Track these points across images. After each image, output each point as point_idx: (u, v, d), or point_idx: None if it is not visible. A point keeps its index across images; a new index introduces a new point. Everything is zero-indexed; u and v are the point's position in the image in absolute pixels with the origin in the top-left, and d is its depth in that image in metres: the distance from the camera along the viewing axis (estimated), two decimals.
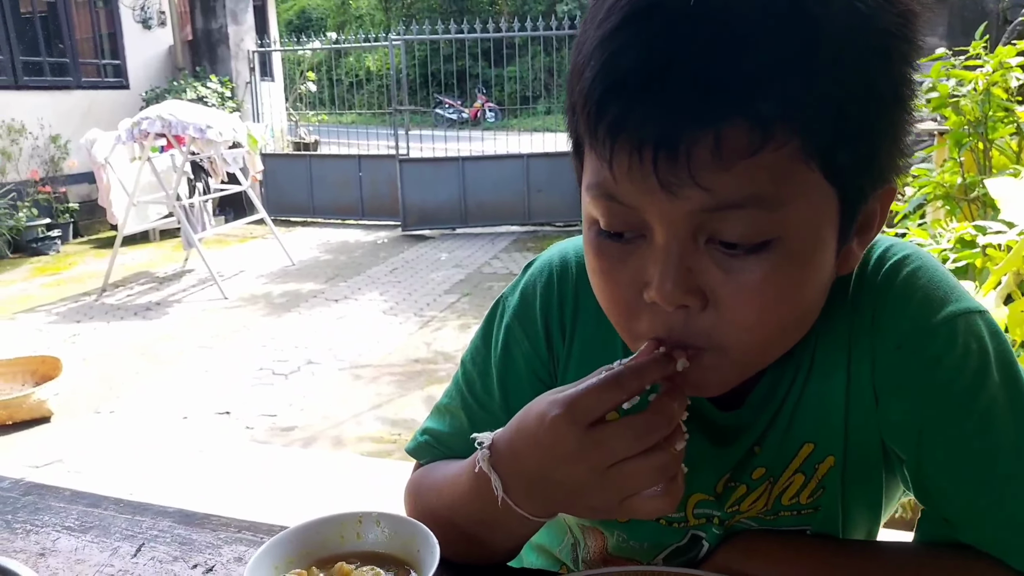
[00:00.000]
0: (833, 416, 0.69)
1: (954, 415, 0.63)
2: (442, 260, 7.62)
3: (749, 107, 0.50)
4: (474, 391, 0.82)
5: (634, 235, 0.58)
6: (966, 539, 0.65)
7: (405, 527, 0.71)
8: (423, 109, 14.54)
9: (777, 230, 0.54)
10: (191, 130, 5.97)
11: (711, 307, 0.57)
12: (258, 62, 10.17)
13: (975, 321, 0.65)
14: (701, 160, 0.51)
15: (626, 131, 0.53)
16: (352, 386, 4.37)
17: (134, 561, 0.81)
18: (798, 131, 0.52)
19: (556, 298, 0.77)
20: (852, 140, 0.54)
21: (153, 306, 6.08)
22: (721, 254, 0.55)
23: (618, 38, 0.52)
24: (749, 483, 0.73)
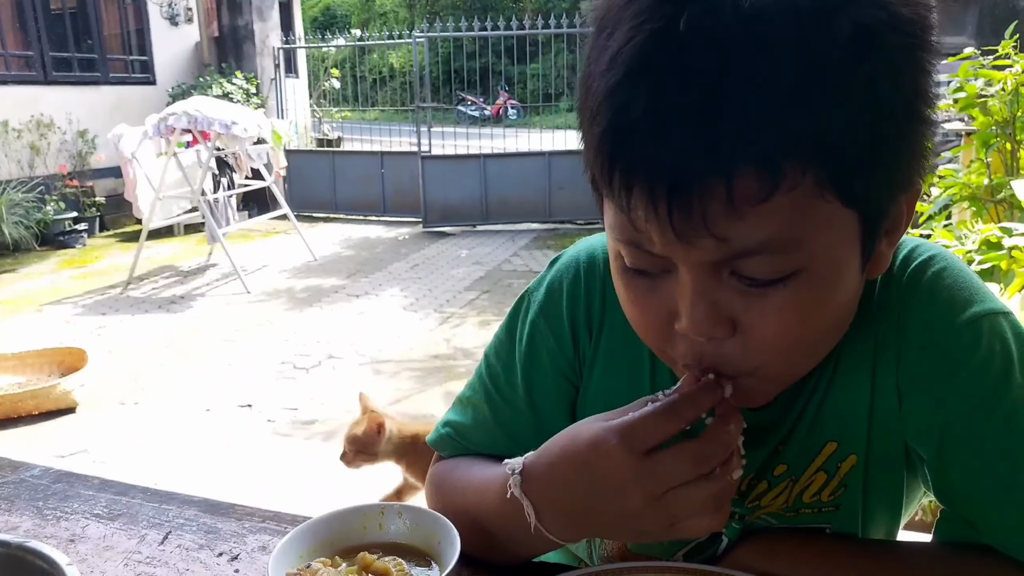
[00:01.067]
0: (857, 416, 0.69)
1: (977, 416, 0.63)
2: (462, 257, 7.65)
3: (755, 152, 0.50)
4: (498, 385, 0.82)
5: (660, 270, 0.59)
6: (988, 540, 0.65)
7: (426, 519, 0.72)
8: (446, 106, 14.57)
9: (798, 264, 0.55)
10: (217, 126, 6.03)
11: (739, 334, 0.58)
12: (283, 59, 10.24)
13: (999, 322, 0.65)
14: (713, 211, 0.52)
15: (638, 184, 0.53)
16: (372, 381, 4.40)
17: (161, 548, 0.83)
18: (809, 168, 0.52)
19: (584, 295, 0.77)
20: (866, 164, 0.54)
21: (177, 299, 6.15)
22: (744, 285, 0.56)
23: (622, 92, 0.52)
24: (771, 480, 0.73)
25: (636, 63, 0.52)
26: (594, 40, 0.57)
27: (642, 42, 0.52)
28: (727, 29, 0.50)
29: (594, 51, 0.56)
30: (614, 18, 0.54)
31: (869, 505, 0.72)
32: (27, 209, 7.66)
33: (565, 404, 0.80)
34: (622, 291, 0.64)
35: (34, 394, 3.82)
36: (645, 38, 0.52)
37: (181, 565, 0.80)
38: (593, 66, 0.55)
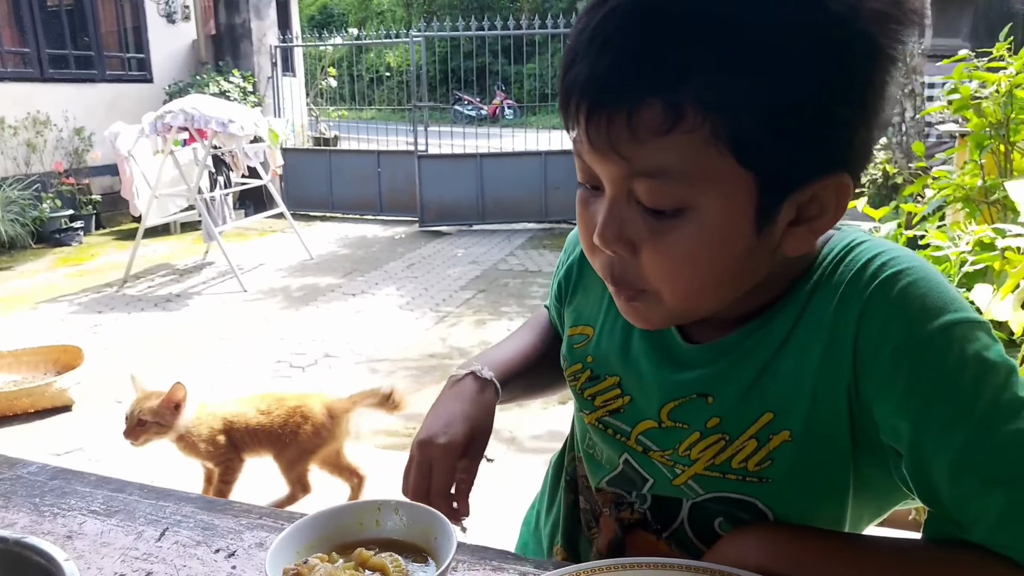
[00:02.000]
0: (798, 394, 0.71)
1: (956, 418, 0.64)
2: (459, 256, 7.65)
3: (663, 91, 0.59)
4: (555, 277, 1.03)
5: (594, 185, 0.70)
6: (976, 540, 0.65)
7: (423, 515, 0.73)
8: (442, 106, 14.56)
9: (687, 201, 0.64)
10: (213, 124, 6.02)
11: (638, 256, 0.68)
12: (280, 57, 10.23)
13: (973, 330, 0.66)
14: (618, 132, 0.62)
15: (572, 101, 0.64)
16: (368, 380, 4.39)
17: (158, 545, 0.84)
18: (708, 117, 0.59)
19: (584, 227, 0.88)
20: (771, 133, 0.60)
21: (173, 298, 6.15)
22: (646, 213, 0.66)
23: (580, 21, 0.64)
24: (703, 431, 0.76)
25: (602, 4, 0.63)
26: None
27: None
28: None
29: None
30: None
31: (804, 487, 0.73)
32: (23, 207, 7.64)
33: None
34: (576, 206, 0.74)
35: (30, 392, 3.82)
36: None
37: (178, 561, 0.80)
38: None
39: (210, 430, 2.71)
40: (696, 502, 0.79)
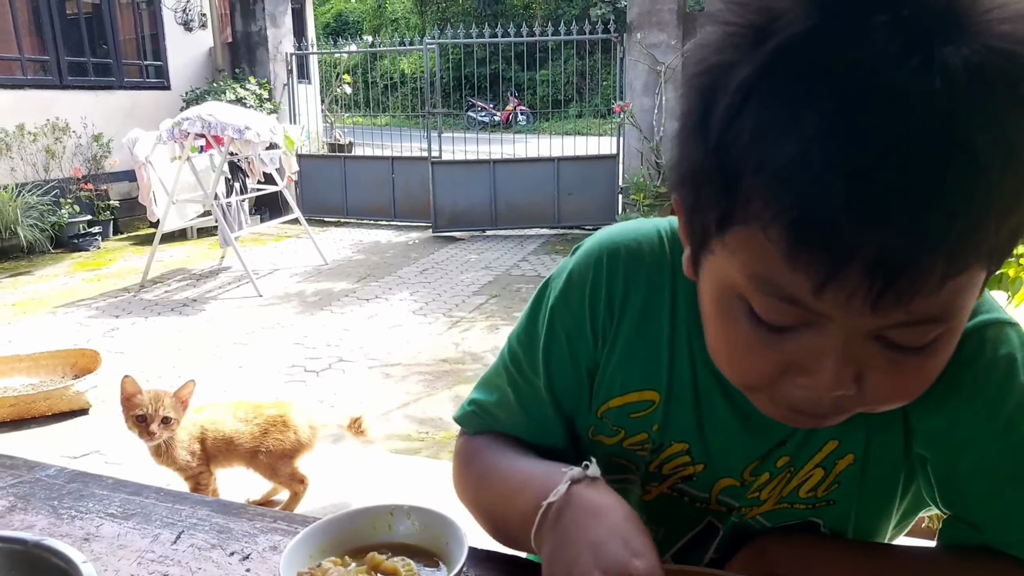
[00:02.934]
0: (858, 419, 0.70)
1: (983, 417, 0.65)
2: (472, 261, 7.67)
3: (973, 242, 0.49)
4: (520, 368, 0.84)
5: (798, 324, 0.56)
6: (990, 541, 0.66)
7: (435, 520, 0.73)
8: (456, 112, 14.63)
9: (945, 328, 0.55)
10: (230, 131, 6.07)
11: (862, 387, 0.57)
12: (296, 64, 10.31)
13: (1004, 330, 0.67)
14: (924, 292, 0.50)
15: (853, 266, 0.49)
16: (382, 384, 4.42)
17: (174, 548, 0.85)
18: (990, 249, 0.51)
19: (605, 282, 0.78)
20: (1019, 236, 0.54)
21: (190, 302, 6.19)
22: (887, 348, 0.55)
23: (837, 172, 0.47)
24: (772, 471, 0.75)
25: (853, 148, 0.47)
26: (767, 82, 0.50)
27: (854, 124, 0.47)
28: (963, 105, 0.46)
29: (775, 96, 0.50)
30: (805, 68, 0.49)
31: (862, 504, 0.74)
32: (42, 212, 7.73)
33: (583, 385, 0.82)
34: (729, 335, 0.61)
35: (47, 395, 3.86)
36: (858, 119, 0.47)
37: (193, 564, 0.81)
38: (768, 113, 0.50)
39: (189, 436, 2.70)
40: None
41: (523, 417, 0.84)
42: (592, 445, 0.83)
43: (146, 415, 2.54)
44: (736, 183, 0.52)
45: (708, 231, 0.58)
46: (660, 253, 0.77)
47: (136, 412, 2.54)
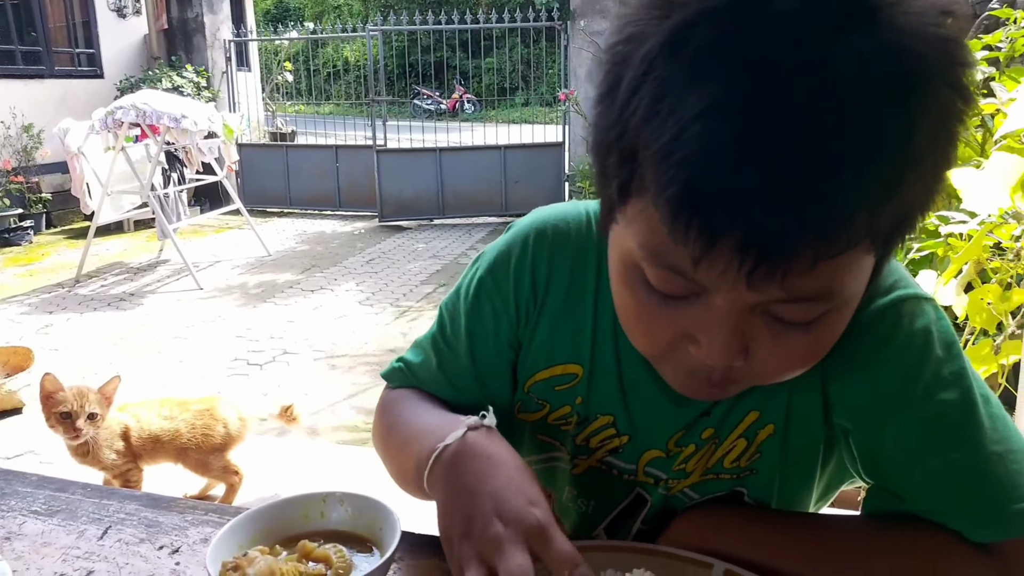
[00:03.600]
0: (778, 390, 0.73)
1: (901, 389, 0.67)
2: (419, 251, 7.62)
3: (850, 223, 0.50)
4: (445, 334, 0.86)
5: (687, 294, 0.58)
6: (916, 510, 0.68)
7: (368, 506, 0.73)
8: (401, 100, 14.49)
9: (829, 307, 0.57)
10: (166, 119, 5.92)
11: (751, 359, 0.59)
12: (234, 52, 10.07)
13: (920, 304, 0.69)
14: (797, 271, 0.51)
15: (727, 241, 0.50)
16: (328, 376, 4.37)
17: (100, 543, 0.83)
18: (873, 232, 0.53)
19: (530, 261, 0.80)
20: (909, 226, 0.56)
21: (127, 296, 6.03)
22: (773, 322, 0.57)
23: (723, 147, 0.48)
24: (698, 442, 0.77)
25: (739, 124, 0.48)
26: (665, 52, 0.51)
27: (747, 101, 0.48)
28: (839, 98, 0.48)
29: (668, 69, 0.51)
30: (704, 46, 0.50)
31: (785, 473, 0.75)
32: None
33: (505, 360, 0.84)
34: (628, 302, 0.63)
35: None
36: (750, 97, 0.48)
37: (120, 559, 0.79)
38: (667, 90, 0.50)
39: (112, 434, 2.64)
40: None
41: (444, 380, 0.86)
42: (519, 425, 0.85)
43: (71, 412, 2.47)
44: (633, 155, 0.54)
45: (612, 201, 0.59)
46: (587, 233, 0.79)
47: (60, 409, 2.47)
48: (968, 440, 0.66)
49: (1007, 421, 0.67)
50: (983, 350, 2.56)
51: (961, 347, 0.69)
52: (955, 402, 0.66)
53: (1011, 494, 0.64)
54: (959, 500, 0.66)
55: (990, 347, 2.55)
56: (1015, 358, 2.39)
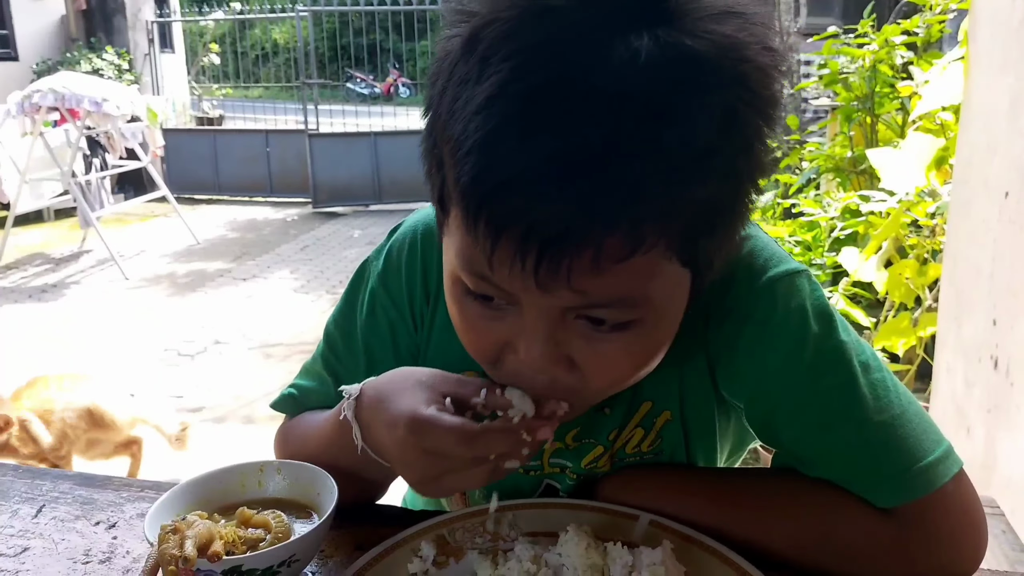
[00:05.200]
0: (668, 379, 0.74)
1: (784, 370, 0.69)
2: (355, 237, 7.54)
3: (628, 219, 0.52)
4: (337, 353, 0.84)
5: (503, 301, 0.60)
6: (811, 475, 0.71)
7: (304, 473, 0.74)
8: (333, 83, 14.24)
9: (638, 314, 0.59)
10: (86, 103, 5.72)
11: (575, 370, 0.61)
12: (157, 33, 9.76)
13: (794, 281, 0.70)
14: (579, 268, 0.53)
15: (507, 236, 0.52)
16: (263, 365, 4.31)
17: (35, 521, 0.81)
18: (664, 234, 0.54)
19: (420, 263, 0.79)
20: (710, 233, 0.58)
21: (50, 288, 5.82)
22: (587, 328, 0.59)
23: (502, 142, 0.51)
24: (606, 444, 0.78)
25: (519, 115, 0.50)
26: (463, 54, 0.54)
27: (527, 92, 0.50)
28: (617, 93, 0.50)
29: (464, 69, 0.53)
30: (492, 43, 0.52)
31: (690, 450, 0.78)
32: None
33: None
34: (456, 313, 0.64)
35: None
36: (530, 88, 0.50)
37: (56, 536, 0.78)
38: (463, 89, 0.53)
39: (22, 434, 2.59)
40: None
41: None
42: None
43: None
44: (441, 161, 0.56)
45: (439, 215, 0.61)
46: None
47: None
48: (852, 416, 0.68)
49: (887, 385, 0.69)
50: (902, 323, 2.68)
51: (836, 315, 0.71)
52: (837, 380, 0.69)
53: (896, 463, 0.67)
54: (852, 471, 0.69)
55: (908, 320, 2.68)
56: (932, 330, 2.52)
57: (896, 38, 3.71)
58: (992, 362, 1.78)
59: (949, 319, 2.18)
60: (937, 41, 3.89)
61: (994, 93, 1.86)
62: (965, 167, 2.09)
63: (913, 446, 0.67)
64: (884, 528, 0.67)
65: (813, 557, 0.69)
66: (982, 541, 0.69)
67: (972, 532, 0.68)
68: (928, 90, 2.81)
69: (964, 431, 1.92)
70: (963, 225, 2.08)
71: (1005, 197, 1.73)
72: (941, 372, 2.23)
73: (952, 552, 0.67)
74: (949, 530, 0.67)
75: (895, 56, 3.73)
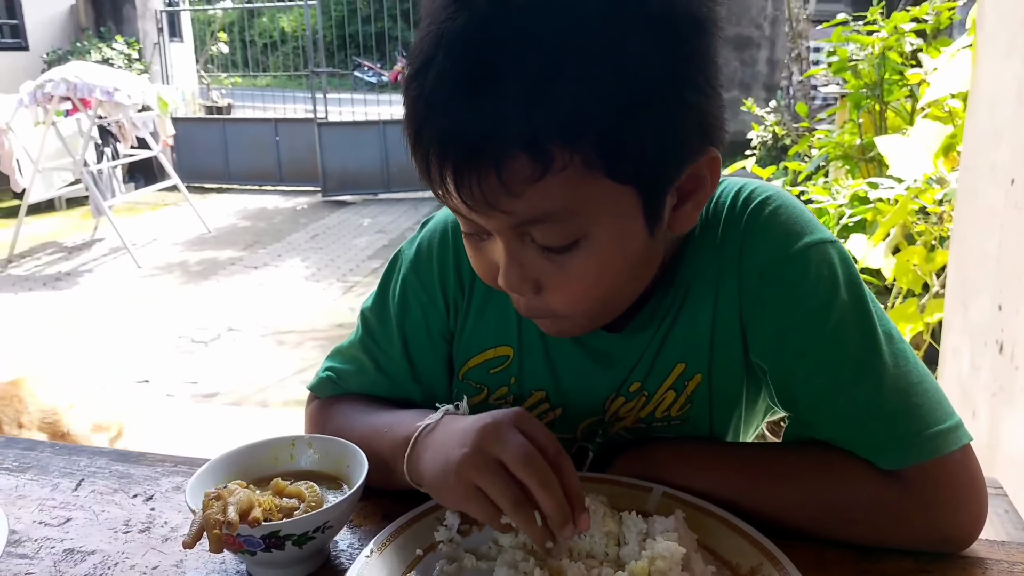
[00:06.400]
0: (701, 340, 0.79)
1: (809, 330, 0.73)
2: (364, 226, 7.58)
3: (522, 136, 0.57)
4: (375, 337, 0.88)
5: (484, 233, 0.68)
6: (821, 437, 0.75)
7: (334, 447, 0.77)
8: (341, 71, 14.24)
9: (581, 232, 0.64)
10: (98, 93, 5.76)
11: (544, 291, 0.68)
12: (166, 22, 9.79)
13: (827, 249, 0.74)
14: (491, 190, 0.59)
15: (432, 163, 0.61)
16: (275, 352, 4.36)
17: (75, 494, 0.85)
18: (576, 151, 0.58)
19: (452, 253, 0.84)
20: (633, 144, 0.60)
21: (63, 276, 5.89)
22: (543, 251, 0.65)
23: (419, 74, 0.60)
24: (627, 395, 0.82)
25: (432, 46, 0.59)
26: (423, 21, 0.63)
27: (441, 31, 0.59)
28: (506, 20, 0.57)
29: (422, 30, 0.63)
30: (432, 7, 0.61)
31: (713, 417, 0.82)
32: None
33: (440, 353, 0.87)
34: (467, 248, 0.73)
35: None
36: (444, 25, 0.59)
37: (97, 507, 0.83)
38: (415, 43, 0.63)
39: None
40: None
41: (383, 378, 0.87)
42: None
43: None
44: None
45: None
46: None
47: None
48: (871, 378, 0.71)
49: (907, 356, 0.73)
50: (909, 309, 2.71)
51: (865, 287, 0.75)
52: (860, 344, 0.72)
53: (908, 426, 0.70)
54: (864, 433, 0.72)
55: (915, 306, 2.70)
56: (938, 316, 2.54)
57: (905, 25, 3.71)
58: (997, 346, 1.81)
59: (956, 304, 2.21)
60: (947, 28, 3.89)
61: (1001, 80, 1.88)
62: (972, 154, 2.11)
63: (926, 414, 0.71)
64: (887, 491, 0.70)
65: (819, 522, 0.72)
66: (982, 512, 0.72)
67: (973, 501, 0.71)
68: (936, 77, 2.82)
69: (970, 413, 1.95)
70: (970, 212, 2.10)
71: (1011, 184, 1.75)
72: (947, 356, 2.26)
73: (951, 518, 0.70)
74: (950, 497, 0.70)
75: (904, 43, 3.74)
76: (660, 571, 0.63)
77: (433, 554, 0.70)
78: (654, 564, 0.63)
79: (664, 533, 0.66)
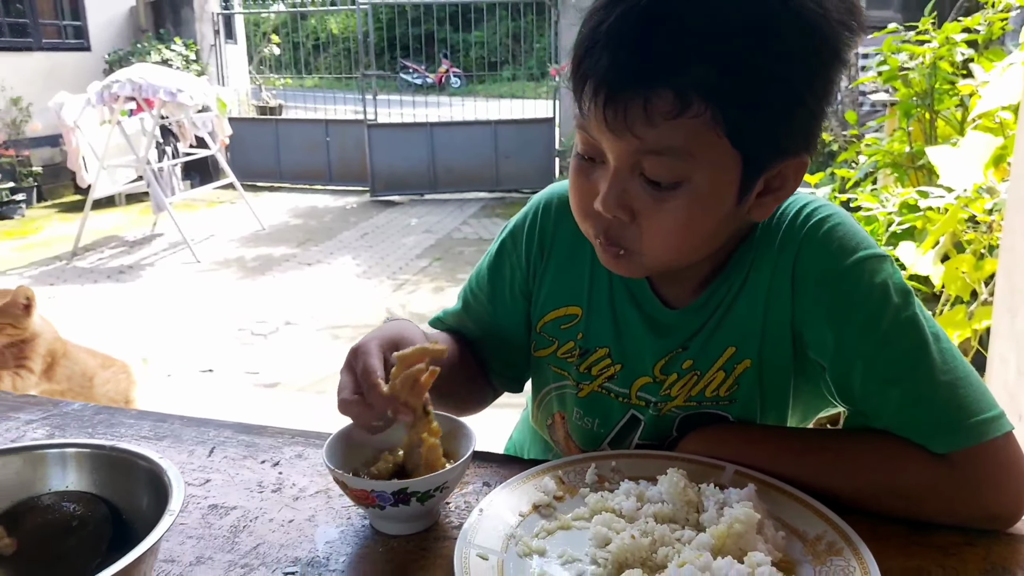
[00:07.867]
0: (752, 328, 0.89)
1: (864, 333, 0.83)
2: (412, 226, 7.74)
3: (673, 82, 0.70)
4: (472, 286, 1.09)
5: (598, 160, 0.80)
6: (879, 426, 0.84)
7: (448, 423, 0.88)
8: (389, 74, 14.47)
9: (686, 175, 0.76)
10: (162, 93, 5.98)
11: (635, 222, 0.80)
12: (223, 24, 10.07)
13: (878, 263, 0.85)
14: (634, 115, 0.72)
15: (589, 84, 0.74)
16: (332, 345, 4.51)
17: (210, 459, 0.98)
18: (710, 105, 0.71)
19: (539, 225, 1.02)
20: (756, 120, 0.73)
21: (126, 269, 6.13)
22: (648, 185, 0.77)
23: (593, 17, 0.75)
24: (680, 372, 0.93)
25: (608, 6, 0.73)
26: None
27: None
28: None
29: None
30: None
31: (763, 403, 0.91)
32: None
33: (519, 308, 1.04)
34: (571, 174, 0.85)
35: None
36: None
37: (231, 471, 0.95)
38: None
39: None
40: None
41: (466, 319, 1.09)
42: (537, 361, 1.04)
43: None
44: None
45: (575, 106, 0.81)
46: None
47: None
48: (921, 373, 0.81)
49: (954, 354, 0.82)
50: (957, 316, 2.75)
51: (913, 294, 0.85)
52: (910, 343, 0.82)
53: (956, 416, 0.79)
54: (917, 421, 0.82)
55: (964, 313, 2.74)
56: (986, 323, 2.58)
57: (957, 35, 3.73)
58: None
59: (1004, 311, 2.25)
60: (999, 38, 3.89)
61: None
62: (1023, 165, 2.15)
63: (971, 404, 0.80)
64: (938, 472, 0.79)
65: (876, 499, 0.81)
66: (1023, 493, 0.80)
67: (1015, 482, 0.79)
68: (988, 90, 2.85)
69: (1016, 418, 2.00)
70: (1020, 221, 2.15)
71: None
72: (995, 362, 2.30)
73: (995, 497, 0.79)
74: (994, 477, 0.79)
75: (955, 53, 3.75)
76: (738, 533, 0.72)
77: (534, 514, 0.81)
78: (732, 527, 0.72)
79: (740, 502, 0.76)
